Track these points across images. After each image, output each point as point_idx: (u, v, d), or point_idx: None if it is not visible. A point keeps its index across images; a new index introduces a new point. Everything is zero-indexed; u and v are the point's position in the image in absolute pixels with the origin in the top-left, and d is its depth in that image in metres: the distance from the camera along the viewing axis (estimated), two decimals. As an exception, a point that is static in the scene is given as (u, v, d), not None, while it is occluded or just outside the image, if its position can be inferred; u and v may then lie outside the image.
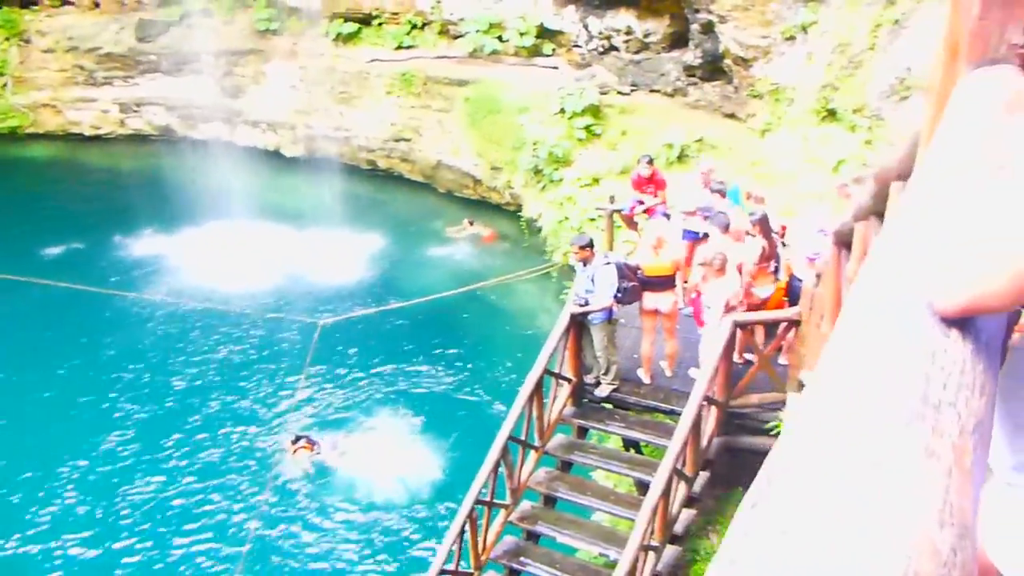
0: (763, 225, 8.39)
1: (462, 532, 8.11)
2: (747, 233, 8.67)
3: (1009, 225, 0.91)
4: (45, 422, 12.96)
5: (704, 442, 8.35)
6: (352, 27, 20.89)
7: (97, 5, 24.10)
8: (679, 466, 7.85)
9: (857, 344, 0.83)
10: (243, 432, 12.77)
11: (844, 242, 4.27)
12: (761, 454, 6.06)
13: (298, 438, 11.88)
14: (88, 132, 24.06)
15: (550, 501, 8.90)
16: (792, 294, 8.42)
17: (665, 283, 8.72)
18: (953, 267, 0.92)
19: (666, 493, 7.59)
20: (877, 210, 3.27)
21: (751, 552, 0.57)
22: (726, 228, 8.45)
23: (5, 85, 23.67)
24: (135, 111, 23.81)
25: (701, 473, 8.57)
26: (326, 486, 11.67)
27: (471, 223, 18.42)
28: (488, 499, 8.33)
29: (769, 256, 8.45)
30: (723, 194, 9.68)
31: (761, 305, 8.49)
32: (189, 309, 15.75)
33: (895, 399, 0.72)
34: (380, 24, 20.82)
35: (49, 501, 11.46)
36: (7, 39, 23.72)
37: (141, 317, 15.78)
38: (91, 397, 13.51)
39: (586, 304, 8.52)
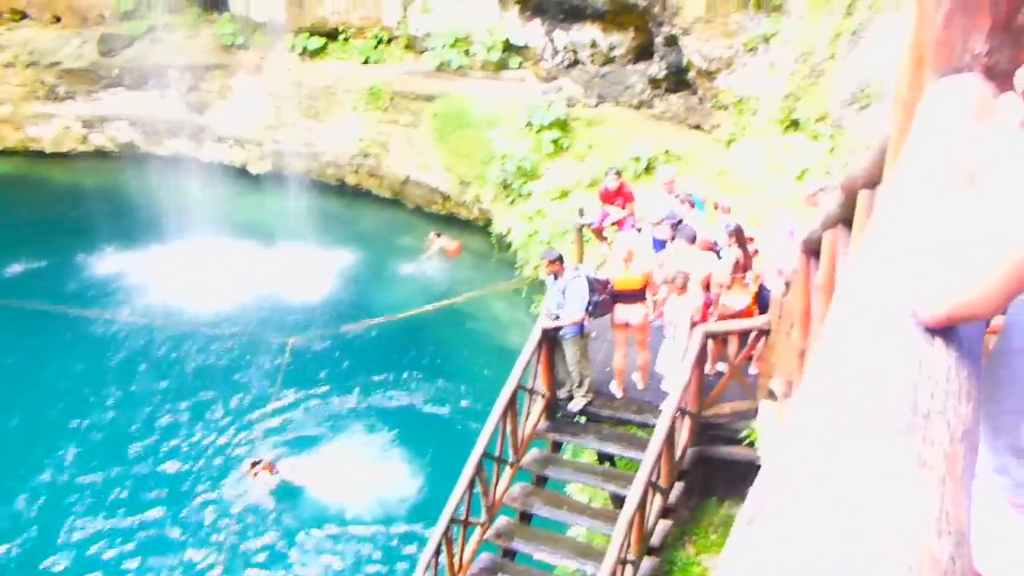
0: (738, 236, 8.48)
1: (438, 551, 8.04)
2: (715, 244, 8.74)
3: (986, 232, 0.92)
4: (4, 445, 12.63)
5: (678, 453, 8.39)
6: (318, 42, 20.80)
7: (58, 19, 23.74)
8: (654, 478, 7.87)
9: (843, 355, 0.82)
10: (211, 455, 12.56)
11: (812, 250, 4.31)
12: (734, 463, 6.12)
13: (256, 462, 11.62)
14: (49, 148, 23.61)
15: (526, 517, 8.87)
16: (762, 303, 8.50)
17: (636, 296, 8.76)
18: (934, 276, 0.92)
19: (642, 505, 7.60)
20: (845, 218, 3.31)
21: (751, 568, 0.56)
22: (693, 240, 8.52)
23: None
24: (98, 127, 23.44)
25: (676, 484, 8.60)
26: (297, 507, 11.51)
27: (438, 235, 18.41)
28: (463, 517, 8.28)
29: (744, 267, 8.54)
30: (692, 204, 9.77)
31: (736, 316, 8.56)
32: (154, 329, 15.51)
33: (885, 410, 0.71)
34: (346, 39, 20.76)
35: (3, 526, 11.17)
36: (-35, 55, 23.28)
37: (104, 337, 15.48)
38: (52, 420, 13.21)
39: (558, 318, 8.53)
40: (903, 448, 0.67)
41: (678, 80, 16.95)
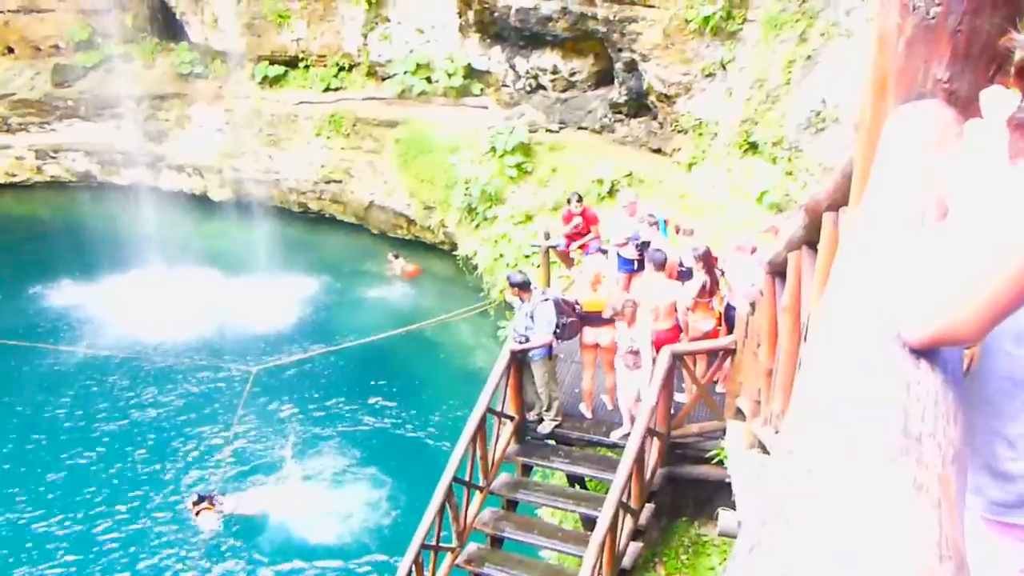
0: (705, 260, 8.59)
1: (408, 578, 7.94)
2: (681, 266, 8.82)
3: (972, 256, 0.94)
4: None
5: (648, 474, 8.40)
6: (278, 70, 20.74)
7: (11, 51, 23.37)
8: (624, 499, 7.86)
9: (831, 379, 0.83)
10: (171, 489, 12.27)
11: (778, 272, 4.38)
12: (703, 483, 6.15)
13: (200, 498, 11.29)
14: (2, 179, 23.16)
15: (497, 542, 8.79)
16: (728, 322, 8.60)
17: (603, 318, 8.80)
18: (920, 299, 0.94)
19: (613, 527, 7.59)
20: (809, 240, 3.37)
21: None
22: (662, 265, 8.57)
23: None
24: (52, 157, 23.05)
25: (646, 505, 8.60)
26: (262, 538, 11.28)
27: (396, 256, 18.41)
28: (434, 543, 8.19)
29: (711, 291, 8.64)
30: (657, 226, 9.86)
31: (703, 338, 8.65)
32: (112, 361, 15.17)
33: (878, 433, 0.72)
34: (307, 66, 20.73)
35: None
36: (-86, 86, 22.77)
37: (60, 371, 15.10)
38: (4, 454, 12.82)
39: (526, 341, 8.53)
40: (898, 471, 0.68)
41: (639, 105, 17.20)
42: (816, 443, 0.74)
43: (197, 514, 11.19)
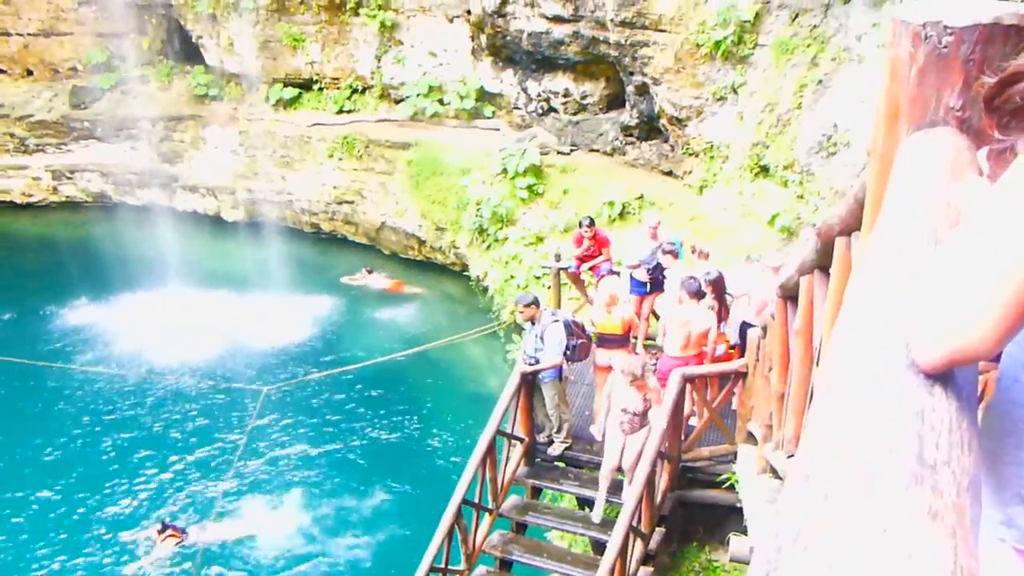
0: (716, 285, 8.58)
1: (417, 601, 7.89)
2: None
3: (979, 271, 0.94)
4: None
5: (658, 498, 8.34)
6: (292, 92, 20.97)
7: (30, 73, 23.74)
8: (635, 523, 7.80)
9: (845, 406, 0.84)
10: (184, 506, 12.27)
11: (790, 295, 4.37)
12: (714, 507, 6.10)
13: (164, 527, 11.17)
14: (19, 200, 23.44)
15: (506, 565, 8.73)
16: (744, 340, 8.56)
17: (618, 341, 8.80)
18: (930, 321, 0.94)
19: (623, 552, 7.52)
20: (821, 264, 3.37)
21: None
22: (695, 293, 8.49)
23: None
24: (68, 178, 23.33)
25: (657, 529, 8.53)
26: (271, 558, 11.24)
27: (369, 271, 18.50)
28: (443, 565, 8.14)
29: (721, 316, 8.63)
30: (675, 255, 9.83)
31: (716, 362, 8.63)
32: (125, 381, 15.24)
33: (893, 462, 0.73)
34: (320, 89, 20.95)
35: None
36: (-66, 108, 23.14)
37: (73, 390, 15.17)
38: (17, 473, 12.86)
39: (536, 363, 8.52)
40: (913, 500, 0.68)
41: (649, 128, 17.29)
42: (832, 470, 0.74)
43: (163, 540, 11.03)
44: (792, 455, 4.17)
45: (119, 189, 22.92)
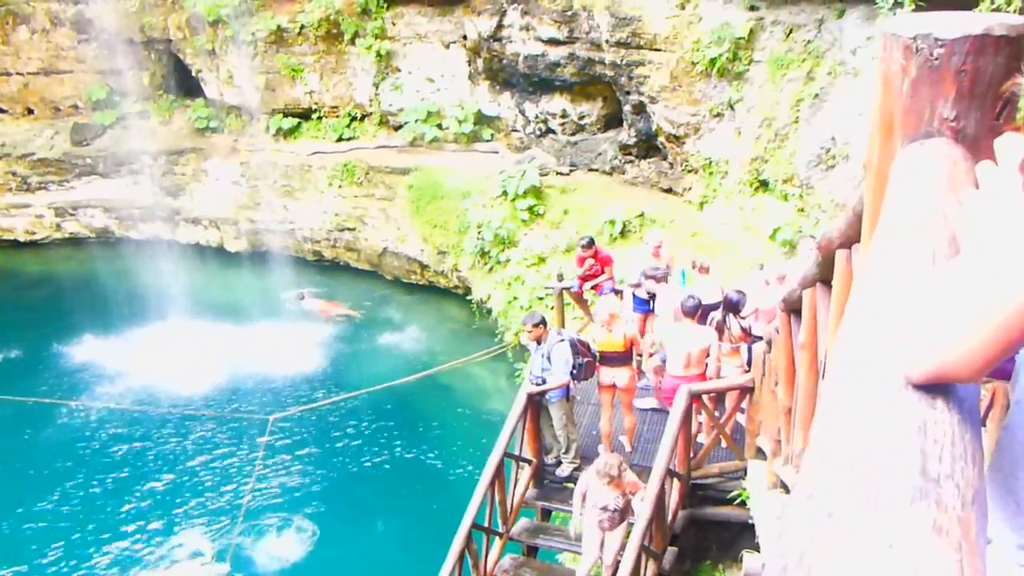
0: (726, 305, 8.59)
1: (430, 630, 7.81)
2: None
3: (972, 293, 0.95)
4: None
5: (669, 517, 8.27)
6: (292, 122, 21.13)
7: (31, 111, 23.94)
8: (646, 543, 7.74)
9: (844, 424, 0.84)
10: (194, 537, 12.21)
11: (793, 309, 4.37)
12: (726, 524, 6.04)
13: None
14: (22, 238, 23.55)
15: (518, 589, 8.65)
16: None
17: (620, 358, 8.77)
18: (920, 336, 0.94)
19: (635, 572, 7.45)
20: (823, 277, 3.37)
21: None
22: (693, 312, 8.48)
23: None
24: (71, 214, 23.45)
25: (669, 548, 8.46)
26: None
27: (302, 297, 18.66)
28: (454, 592, 8.08)
29: (721, 332, 8.62)
30: (665, 279, 9.82)
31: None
32: (132, 415, 15.21)
33: (896, 477, 0.73)
34: (320, 118, 21.11)
35: None
36: (-63, 148, 23.33)
37: (79, 426, 15.15)
38: (23, 511, 12.82)
39: (543, 383, 8.50)
40: (918, 515, 0.68)
41: (648, 146, 17.36)
42: (835, 487, 0.74)
43: None
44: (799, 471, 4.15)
45: (122, 224, 23.02)
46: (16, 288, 21.67)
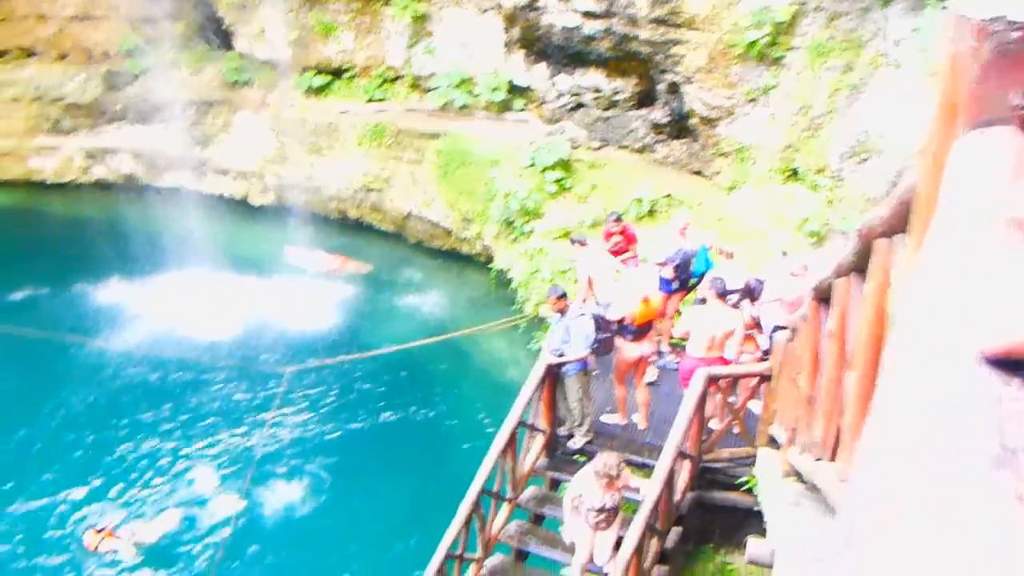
0: (746, 292, 8.57)
1: (433, 587, 7.95)
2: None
3: None
4: (2, 467, 12.53)
5: (677, 497, 8.32)
6: (323, 80, 21.06)
7: (65, 56, 24.02)
8: (652, 521, 7.79)
9: (919, 396, 0.84)
10: (202, 478, 12.44)
11: (823, 298, 4.34)
12: (732, 510, 6.05)
13: (99, 529, 11.04)
14: (51, 179, 23.77)
15: (521, 555, 8.78)
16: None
17: (647, 329, 8.87)
18: (995, 311, 0.95)
19: (639, 549, 7.52)
20: (859, 267, 3.35)
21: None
22: (722, 293, 8.49)
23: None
24: (100, 159, 23.62)
25: (673, 528, 8.52)
26: (288, 541, 11.35)
27: (293, 252, 18.70)
28: (459, 552, 8.20)
29: (754, 324, 8.62)
30: (674, 265, 9.82)
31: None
32: (151, 358, 15.43)
33: (974, 446, 0.73)
34: (351, 77, 21.02)
35: None
36: (-28, 89, 23.54)
37: (101, 365, 15.40)
38: (42, 444, 13.09)
39: (562, 355, 8.53)
40: (999, 483, 0.69)
41: (680, 127, 17.19)
42: (907, 461, 0.75)
43: (96, 547, 10.83)
44: (820, 459, 4.14)
45: (149, 171, 23.16)
46: (44, 228, 21.94)
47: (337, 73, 21.14)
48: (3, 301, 17.58)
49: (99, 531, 10.93)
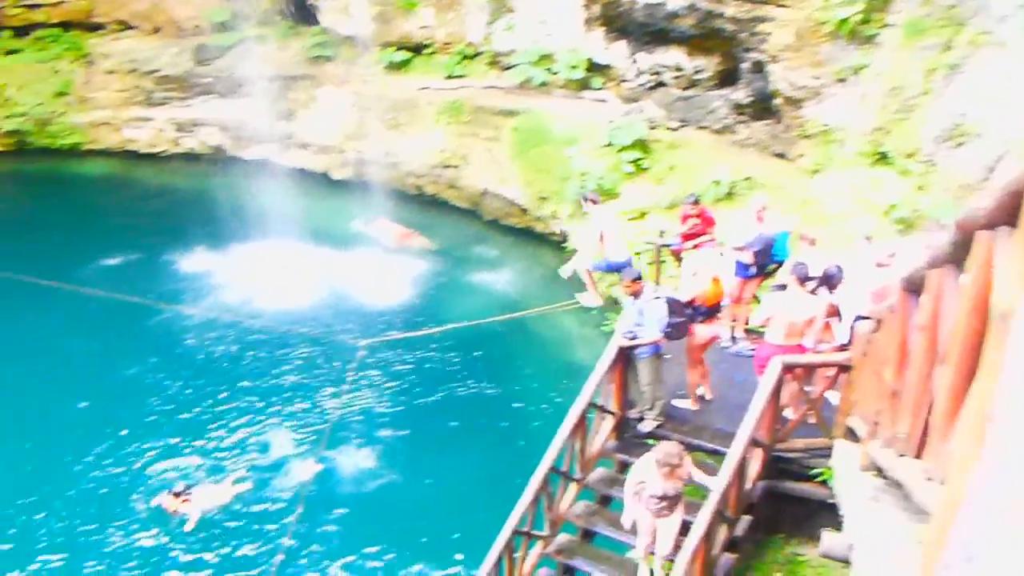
0: (826, 280, 8.37)
1: (499, 561, 8.05)
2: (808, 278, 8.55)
3: None
4: (86, 426, 13.19)
5: (748, 485, 8.22)
6: (403, 56, 21.26)
7: (158, 30, 24.89)
8: (721, 508, 7.72)
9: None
10: (279, 443, 12.85)
11: (914, 289, 4.19)
12: (804, 501, 5.93)
13: (176, 492, 11.30)
14: (144, 150, 24.77)
15: (588, 535, 8.80)
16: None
17: (716, 311, 8.79)
18: None
19: (708, 535, 7.46)
20: (955, 258, 3.22)
21: None
22: (804, 280, 8.30)
23: (69, 104, 24.49)
24: (189, 131, 24.46)
25: (743, 517, 8.42)
26: (356, 510, 11.64)
27: (367, 223, 18.93)
28: (526, 529, 8.28)
29: (832, 312, 8.41)
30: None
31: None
32: (232, 325, 15.95)
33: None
34: (431, 54, 21.16)
35: (73, 506, 11.61)
36: (73, 61, 24.63)
37: (184, 331, 16.02)
38: (127, 407, 13.71)
39: (634, 338, 8.48)
40: None
41: (763, 107, 16.74)
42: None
43: (182, 502, 11.17)
44: (903, 455, 4.02)
45: (235, 143, 23.87)
46: (136, 197, 22.91)
47: (417, 49, 21.31)
48: (98, 266, 18.45)
49: (176, 495, 11.37)
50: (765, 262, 10.17)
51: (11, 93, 24.23)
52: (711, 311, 8.75)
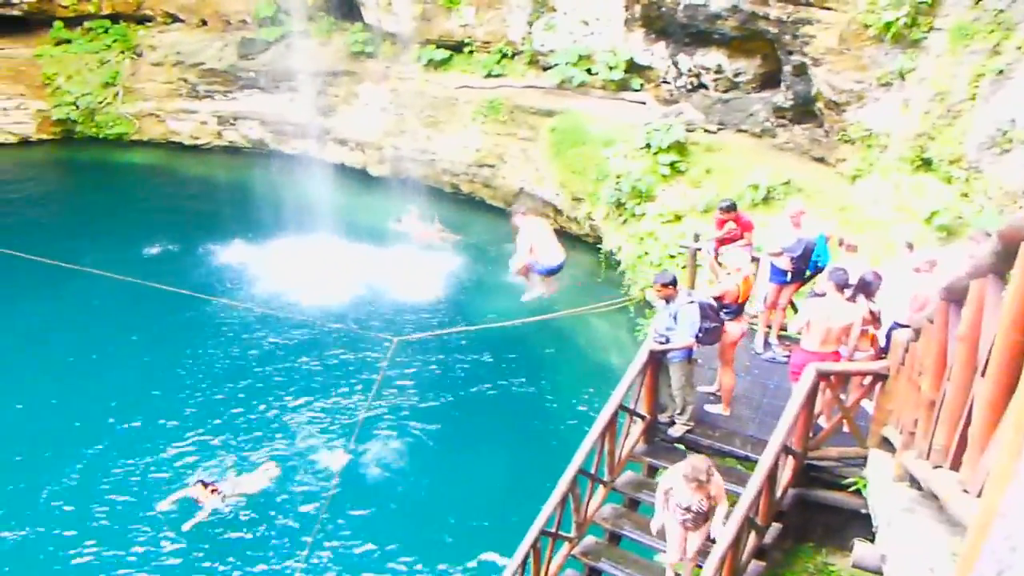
0: (862, 287, 8.25)
1: (525, 561, 8.06)
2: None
3: None
4: (124, 412, 13.46)
5: (778, 492, 8.12)
6: (443, 54, 21.35)
7: (204, 23, 25.29)
8: (751, 515, 7.64)
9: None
10: (309, 436, 12.99)
11: (955, 299, 4.12)
12: (835, 510, 5.85)
13: (205, 484, 11.45)
14: (187, 141, 25.22)
15: (615, 538, 8.78)
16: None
17: (742, 309, 8.77)
18: None
19: (736, 542, 7.39)
20: (999, 269, 3.16)
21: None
22: (842, 286, 8.20)
23: (116, 95, 25.02)
24: (232, 124, 24.83)
25: (773, 524, 8.33)
26: (386, 501, 11.74)
27: (399, 220, 19.25)
28: (553, 530, 8.28)
29: (871, 320, 8.29)
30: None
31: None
32: (269, 317, 16.17)
33: None
34: (471, 52, 21.22)
35: (97, 486, 11.86)
36: (121, 52, 25.14)
37: (220, 322, 16.27)
38: (160, 395, 13.97)
39: (667, 342, 8.44)
40: None
41: (804, 111, 16.53)
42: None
43: (212, 492, 11.34)
44: (939, 466, 3.96)
45: (276, 138, 24.19)
46: (179, 188, 23.34)
47: (457, 47, 21.38)
48: (139, 255, 18.81)
49: (206, 485, 11.54)
50: (803, 267, 10.05)
51: (60, 83, 24.81)
52: (739, 309, 8.72)
